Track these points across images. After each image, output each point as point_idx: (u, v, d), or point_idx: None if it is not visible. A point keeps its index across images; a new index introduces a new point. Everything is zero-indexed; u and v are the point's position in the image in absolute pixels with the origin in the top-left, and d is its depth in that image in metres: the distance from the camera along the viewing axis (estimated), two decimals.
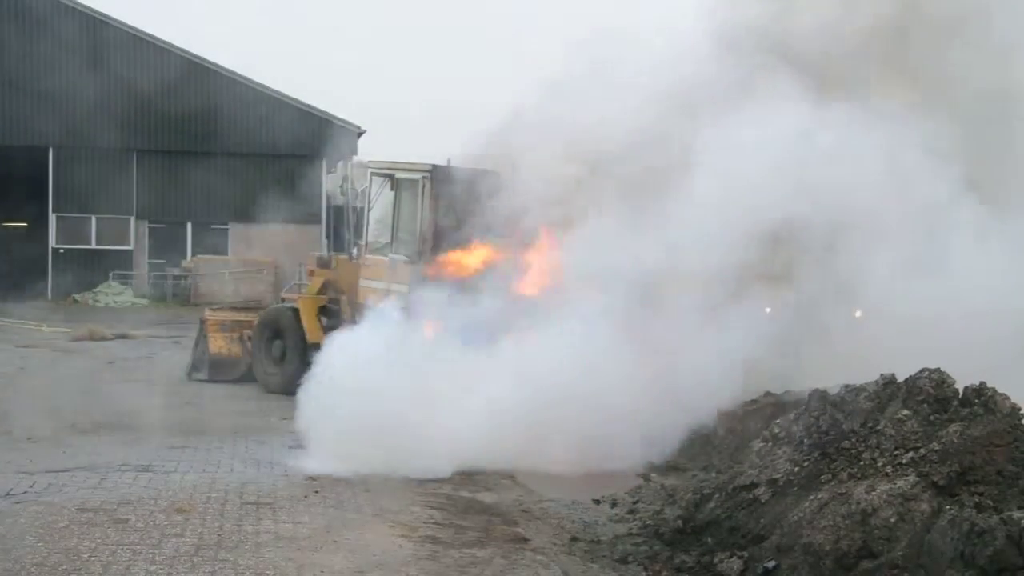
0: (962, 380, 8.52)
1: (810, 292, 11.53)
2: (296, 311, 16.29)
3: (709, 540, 8.64)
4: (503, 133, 14.00)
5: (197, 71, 36.13)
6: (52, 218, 36.08)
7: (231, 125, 35.90)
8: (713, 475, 10.42)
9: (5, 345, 21.89)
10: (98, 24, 35.73)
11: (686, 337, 11.50)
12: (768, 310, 11.65)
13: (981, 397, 8.23)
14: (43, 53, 34.49)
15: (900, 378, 8.80)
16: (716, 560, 8.23)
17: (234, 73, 36.57)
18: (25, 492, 9.46)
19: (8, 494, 9.37)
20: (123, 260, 36.30)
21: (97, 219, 36.28)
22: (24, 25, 35.06)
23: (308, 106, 37.08)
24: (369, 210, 16.14)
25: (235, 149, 36.32)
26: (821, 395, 9.03)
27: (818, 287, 11.48)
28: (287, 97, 36.89)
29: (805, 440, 8.69)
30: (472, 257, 14.29)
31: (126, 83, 35.30)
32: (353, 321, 15.83)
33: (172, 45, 36.34)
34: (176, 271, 35.99)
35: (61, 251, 36.11)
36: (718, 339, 11.35)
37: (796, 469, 8.54)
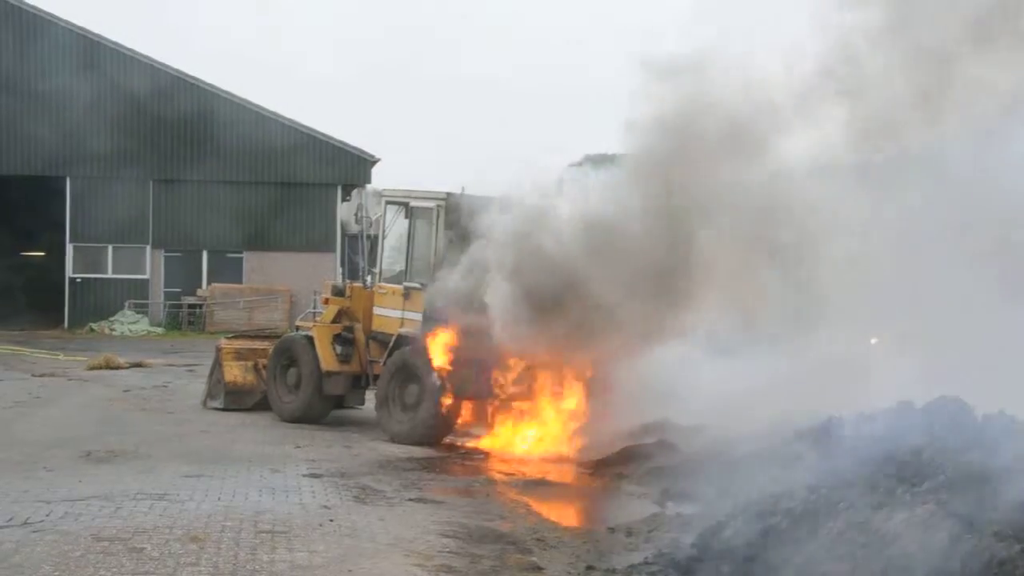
0: None
1: None
2: (311, 339, 16.30)
3: (725, 569, 8.58)
4: None
5: (213, 101, 36.36)
6: (69, 247, 36.28)
7: (246, 154, 36.11)
8: (729, 503, 10.35)
9: (22, 374, 21.98)
10: (116, 56, 36.01)
11: None
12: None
13: (1000, 424, 8.18)
14: (61, 84, 34.76)
15: (918, 404, 8.76)
16: None
17: (249, 102, 36.79)
18: (42, 521, 9.47)
19: (25, 523, 9.38)
20: (139, 289, 36.44)
21: (113, 248, 36.46)
22: (42, 57, 35.37)
23: (323, 135, 37.26)
24: (383, 238, 16.18)
25: (250, 178, 36.52)
26: (837, 422, 8.99)
27: None
28: (302, 126, 37.07)
29: (822, 467, 8.64)
30: None
31: (143, 113, 35.58)
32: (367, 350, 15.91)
33: (188, 75, 36.60)
34: (191, 299, 36.11)
35: (78, 280, 36.28)
36: None
37: (813, 497, 8.49)
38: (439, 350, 14.44)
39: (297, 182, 36.98)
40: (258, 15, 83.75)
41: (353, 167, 37.51)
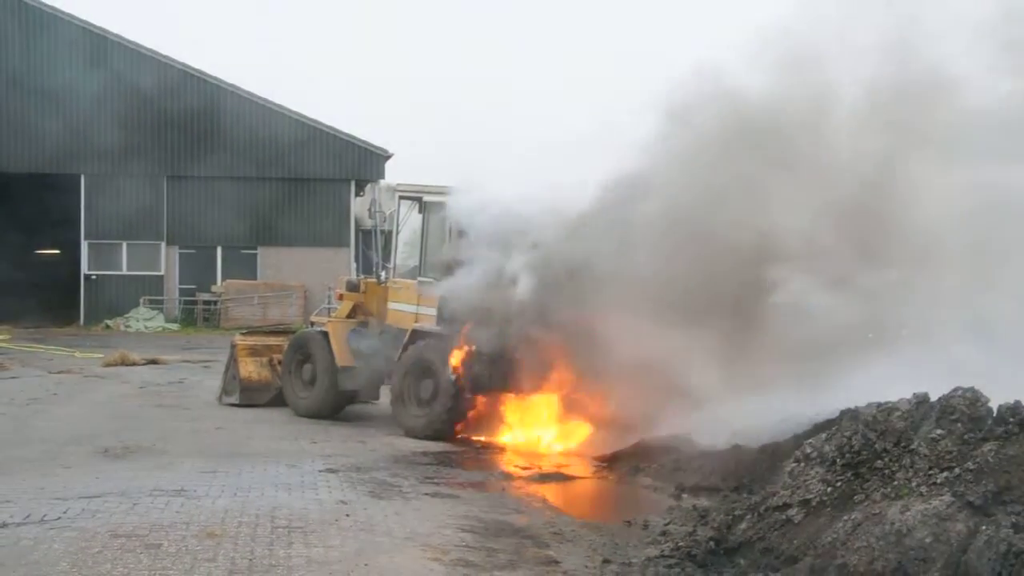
0: None
1: None
2: (326, 335, 16.35)
3: (742, 562, 8.57)
4: None
5: (227, 97, 36.47)
6: (84, 245, 36.45)
7: (260, 150, 36.23)
8: (745, 495, 10.35)
9: (39, 371, 22.08)
10: (130, 53, 36.12)
11: None
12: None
13: (1016, 415, 8.13)
14: (74, 82, 34.88)
15: (933, 396, 8.72)
16: None
17: (263, 99, 36.89)
18: (59, 518, 9.50)
19: (42, 520, 9.42)
20: (154, 285, 36.59)
21: (128, 245, 36.62)
22: (55, 55, 35.49)
23: (337, 131, 37.34)
24: (397, 233, 16.20)
25: (264, 174, 36.62)
26: (853, 414, 8.95)
27: None
28: (316, 122, 37.15)
29: (837, 460, 8.61)
30: None
31: (157, 110, 35.71)
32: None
33: (203, 72, 36.71)
34: (206, 296, 36.22)
35: (93, 277, 36.45)
36: None
37: (829, 489, 8.47)
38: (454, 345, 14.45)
39: (310, 178, 37.08)
40: (280, 14, 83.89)
41: (366, 162, 37.59)
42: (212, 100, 36.18)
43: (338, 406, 16.52)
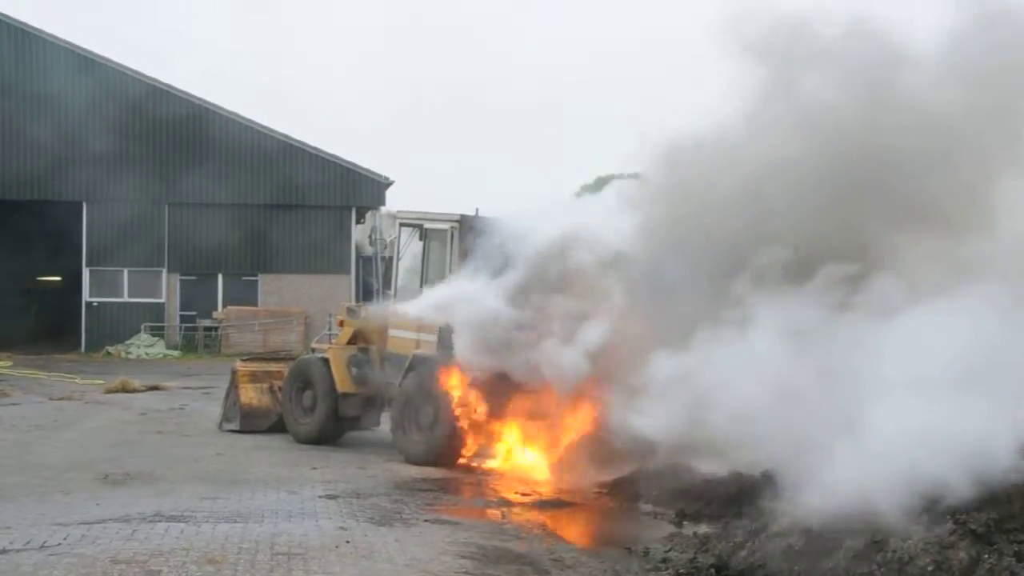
0: None
1: None
2: (326, 361, 16.35)
3: None
4: None
5: (227, 125, 36.59)
6: (85, 272, 36.48)
7: (260, 178, 36.34)
8: (747, 522, 10.32)
9: (40, 398, 22.07)
10: (130, 81, 36.27)
11: None
12: None
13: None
14: (76, 110, 35.02)
15: None
16: None
17: (264, 127, 37.01)
18: (59, 544, 9.48)
19: (42, 546, 9.39)
20: (155, 312, 36.61)
21: (129, 272, 36.66)
22: (58, 84, 35.62)
23: (337, 158, 37.44)
24: (398, 260, 16.23)
25: (265, 201, 36.69)
26: None
27: None
28: (316, 149, 37.27)
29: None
30: None
31: (161, 139, 35.85)
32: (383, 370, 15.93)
33: (202, 99, 36.85)
34: (207, 322, 36.24)
35: (94, 304, 36.47)
36: None
37: (831, 516, 8.45)
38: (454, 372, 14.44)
39: (312, 205, 37.15)
40: (284, 34, 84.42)
41: (367, 189, 37.66)
42: (214, 127, 36.31)
43: (338, 432, 16.50)
